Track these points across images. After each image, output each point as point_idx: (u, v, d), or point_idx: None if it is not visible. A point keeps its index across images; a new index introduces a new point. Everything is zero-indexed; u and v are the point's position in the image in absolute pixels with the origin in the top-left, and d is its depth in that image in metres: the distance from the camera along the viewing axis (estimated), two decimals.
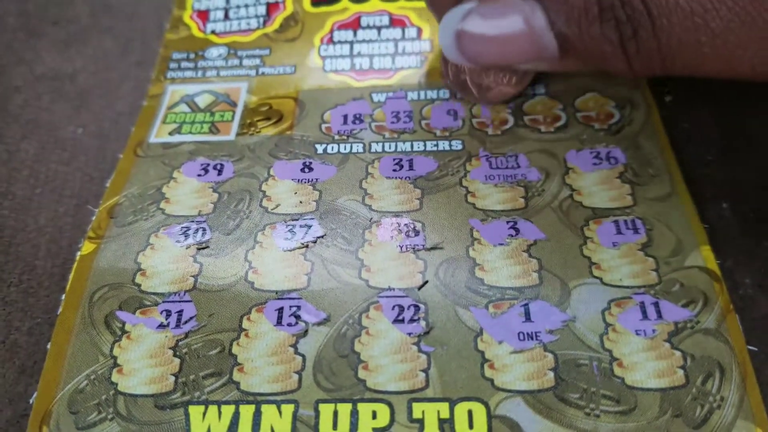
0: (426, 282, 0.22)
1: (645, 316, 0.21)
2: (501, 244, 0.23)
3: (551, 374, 0.20)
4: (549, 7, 0.21)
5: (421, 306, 0.22)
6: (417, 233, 0.23)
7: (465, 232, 0.23)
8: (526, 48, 0.22)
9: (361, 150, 0.26)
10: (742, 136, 0.27)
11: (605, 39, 0.20)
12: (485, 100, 0.27)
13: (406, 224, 0.24)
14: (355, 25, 0.32)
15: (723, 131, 0.27)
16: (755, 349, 0.20)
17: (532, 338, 0.21)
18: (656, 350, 0.20)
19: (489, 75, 0.26)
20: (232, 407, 0.20)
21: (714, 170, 0.25)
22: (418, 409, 0.20)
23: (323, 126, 0.28)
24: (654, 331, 0.20)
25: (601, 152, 0.25)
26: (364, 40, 0.31)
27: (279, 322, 0.21)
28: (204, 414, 0.20)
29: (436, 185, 0.25)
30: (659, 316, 0.21)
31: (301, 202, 0.25)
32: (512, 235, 0.23)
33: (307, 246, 0.23)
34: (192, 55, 0.31)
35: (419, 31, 0.31)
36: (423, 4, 0.32)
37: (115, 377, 0.21)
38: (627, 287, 0.22)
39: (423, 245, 0.23)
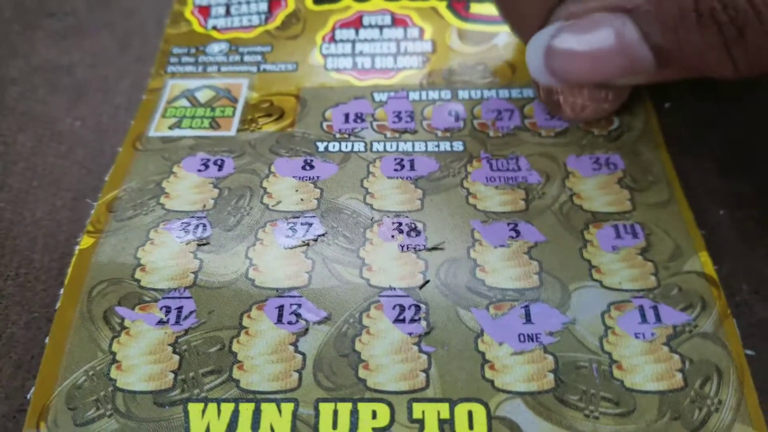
0: (427, 281, 0.22)
1: (644, 319, 0.21)
2: (502, 246, 0.23)
3: (551, 376, 0.20)
4: (642, 19, 0.20)
5: (422, 306, 0.22)
6: (418, 233, 0.23)
7: (466, 233, 0.23)
8: (619, 62, 0.21)
9: (362, 149, 0.26)
10: (740, 143, 0.27)
11: (707, 46, 0.19)
12: (581, 119, 0.27)
13: (407, 224, 0.24)
14: (357, 23, 0.32)
15: (721, 139, 0.27)
16: (752, 353, 0.20)
17: (532, 340, 0.21)
18: (655, 353, 0.20)
19: (583, 93, 0.25)
20: (232, 405, 0.20)
21: (712, 177, 0.26)
22: (418, 409, 0.20)
23: (324, 124, 0.28)
24: (653, 334, 0.21)
25: (600, 158, 0.26)
26: (365, 40, 0.31)
27: (279, 320, 0.21)
28: (203, 412, 0.20)
29: (437, 186, 0.25)
30: (658, 319, 0.21)
31: (302, 199, 0.25)
32: (513, 237, 0.23)
33: (308, 244, 0.23)
34: (193, 50, 0.31)
35: (421, 31, 0.31)
36: (425, 4, 0.32)
37: (113, 373, 0.20)
38: (626, 290, 0.22)
39: (424, 245, 0.23)
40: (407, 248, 0.23)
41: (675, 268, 0.22)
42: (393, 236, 0.23)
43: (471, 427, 0.19)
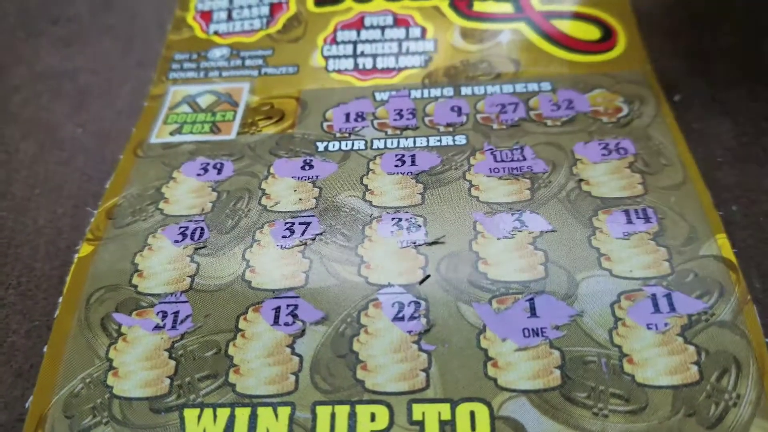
0: (428, 276, 0.21)
1: (657, 308, 0.20)
2: (506, 237, 0.22)
3: (557, 372, 0.19)
4: None
5: (422, 302, 0.21)
6: (418, 228, 0.23)
7: (468, 226, 0.23)
8: None
9: (362, 147, 0.26)
10: (752, 138, 0.26)
11: None
12: None
13: (407, 219, 0.23)
14: (358, 25, 0.31)
15: (734, 132, 0.26)
16: None
17: (537, 334, 0.20)
18: (668, 345, 0.19)
19: None
20: (228, 410, 0.19)
21: (724, 172, 0.25)
22: (418, 410, 0.19)
23: (325, 124, 0.27)
24: (666, 324, 0.20)
25: (609, 144, 0.25)
26: (367, 40, 0.31)
27: (276, 322, 0.21)
28: (199, 417, 0.19)
29: (438, 179, 0.24)
30: (672, 308, 0.20)
31: (300, 199, 0.24)
32: (517, 228, 0.22)
33: (305, 243, 0.23)
34: (194, 56, 0.31)
35: (423, 30, 0.31)
36: (427, 4, 0.32)
37: (110, 380, 0.20)
38: (638, 279, 0.21)
39: (424, 240, 0.22)
40: (407, 243, 0.22)
41: (690, 252, 0.21)
42: (392, 232, 0.23)
43: (473, 428, 0.18)
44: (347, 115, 0.27)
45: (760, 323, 0.19)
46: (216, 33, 0.32)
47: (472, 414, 0.19)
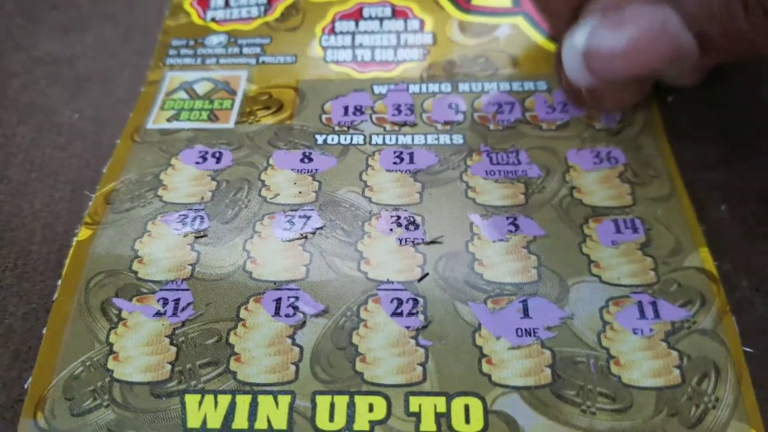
0: (426, 274, 0.22)
1: (643, 315, 0.21)
2: (501, 240, 0.23)
3: (548, 371, 0.20)
4: (684, 7, 0.20)
5: (420, 300, 0.22)
6: (417, 227, 0.23)
7: (465, 227, 0.23)
8: (664, 54, 0.20)
9: (361, 142, 0.26)
10: (743, 137, 0.27)
11: (754, 30, 0.19)
12: (602, 110, 0.26)
13: (405, 217, 0.24)
14: (356, 15, 0.32)
15: (725, 133, 0.27)
16: (751, 350, 0.20)
17: (530, 334, 0.21)
18: (653, 349, 0.20)
19: (611, 85, 0.24)
20: (229, 397, 0.20)
21: (714, 172, 0.26)
22: (414, 402, 0.20)
23: (323, 117, 0.27)
24: (651, 330, 0.21)
25: (601, 152, 0.25)
26: (365, 32, 0.31)
27: (277, 313, 0.21)
28: (200, 403, 0.20)
29: (436, 179, 0.25)
30: (657, 315, 0.21)
31: (300, 192, 0.25)
32: (512, 231, 0.23)
33: (305, 237, 0.23)
34: (191, 42, 0.31)
35: (422, 23, 0.31)
36: None
37: (111, 364, 0.20)
38: (625, 286, 0.22)
39: (422, 239, 0.23)
40: (405, 242, 0.23)
41: (675, 263, 0.22)
42: (391, 229, 0.23)
43: (467, 421, 0.19)
44: (345, 108, 0.28)
45: (738, 333, 0.20)
46: (213, 20, 0.32)
47: (467, 407, 0.19)
